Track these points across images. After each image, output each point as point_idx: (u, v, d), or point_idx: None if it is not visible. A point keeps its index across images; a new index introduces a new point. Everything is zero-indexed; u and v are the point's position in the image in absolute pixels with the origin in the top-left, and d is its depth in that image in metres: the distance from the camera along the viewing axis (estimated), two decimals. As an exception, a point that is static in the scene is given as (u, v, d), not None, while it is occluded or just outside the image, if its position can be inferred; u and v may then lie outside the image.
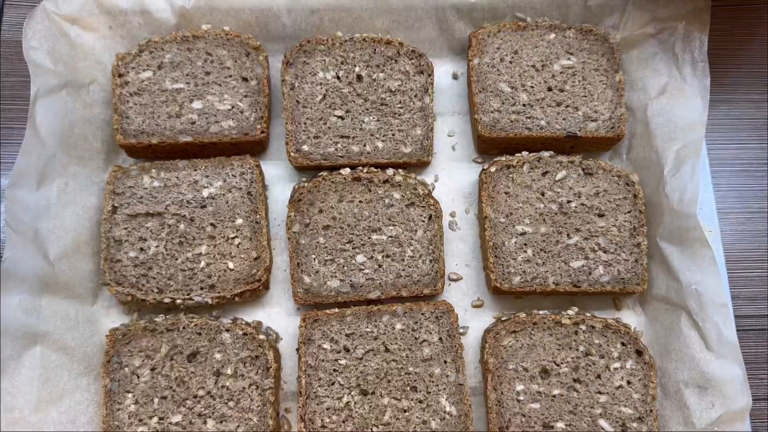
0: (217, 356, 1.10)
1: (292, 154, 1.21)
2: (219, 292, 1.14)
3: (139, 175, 1.19)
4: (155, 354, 1.10)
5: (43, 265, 1.10)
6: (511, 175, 1.20)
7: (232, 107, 1.22)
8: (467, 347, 1.18)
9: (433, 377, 1.10)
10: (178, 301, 1.14)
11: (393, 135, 1.23)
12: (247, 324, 1.13)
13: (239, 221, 1.17)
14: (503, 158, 1.21)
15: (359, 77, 1.24)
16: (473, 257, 1.24)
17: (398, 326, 1.12)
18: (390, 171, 1.20)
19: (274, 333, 1.19)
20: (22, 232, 1.10)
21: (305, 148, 1.21)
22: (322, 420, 1.08)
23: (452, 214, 1.26)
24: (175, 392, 1.09)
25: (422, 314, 1.13)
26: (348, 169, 1.20)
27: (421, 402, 1.09)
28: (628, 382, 1.10)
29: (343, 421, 1.08)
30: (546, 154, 1.21)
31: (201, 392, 1.09)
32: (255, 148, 1.25)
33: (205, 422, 1.08)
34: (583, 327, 1.12)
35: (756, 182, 1.31)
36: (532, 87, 1.24)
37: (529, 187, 1.19)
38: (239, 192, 1.19)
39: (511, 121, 1.22)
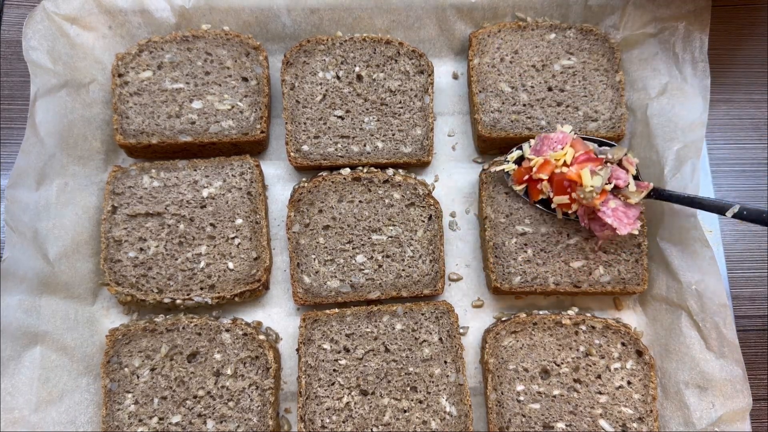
0: (217, 356, 1.10)
1: (291, 154, 1.21)
2: (219, 292, 1.14)
3: (138, 175, 1.19)
4: (155, 354, 1.10)
5: (43, 265, 1.10)
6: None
7: (232, 107, 1.22)
8: (467, 347, 1.18)
9: (433, 377, 1.10)
10: (178, 301, 1.14)
11: (393, 135, 1.22)
12: (247, 324, 1.13)
13: (239, 221, 1.17)
14: (503, 158, 1.21)
15: (359, 77, 1.24)
16: (473, 257, 1.24)
17: (398, 326, 1.12)
18: (390, 171, 1.19)
19: (274, 333, 1.19)
20: (21, 231, 1.10)
21: (305, 148, 1.21)
22: (322, 420, 1.08)
23: (452, 214, 1.26)
24: (175, 392, 1.09)
25: (422, 314, 1.13)
26: (348, 169, 1.20)
27: (421, 402, 1.09)
28: (629, 383, 1.10)
29: (343, 422, 1.08)
30: (546, 154, 1.21)
31: (201, 392, 1.09)
32: (255, 148, 1.25)
33: (204, 422, 1.07)
34: (584, 327, 1.12)
35: (756, 182, 1.30)
36: (533, 87, 1.24)
37: (530, 187, 1.19)
38: (239, 192, 1.19)
39: (512, 121, 1.22)
